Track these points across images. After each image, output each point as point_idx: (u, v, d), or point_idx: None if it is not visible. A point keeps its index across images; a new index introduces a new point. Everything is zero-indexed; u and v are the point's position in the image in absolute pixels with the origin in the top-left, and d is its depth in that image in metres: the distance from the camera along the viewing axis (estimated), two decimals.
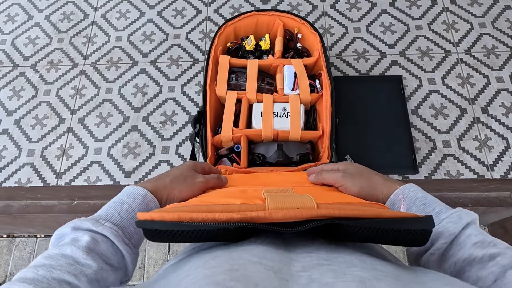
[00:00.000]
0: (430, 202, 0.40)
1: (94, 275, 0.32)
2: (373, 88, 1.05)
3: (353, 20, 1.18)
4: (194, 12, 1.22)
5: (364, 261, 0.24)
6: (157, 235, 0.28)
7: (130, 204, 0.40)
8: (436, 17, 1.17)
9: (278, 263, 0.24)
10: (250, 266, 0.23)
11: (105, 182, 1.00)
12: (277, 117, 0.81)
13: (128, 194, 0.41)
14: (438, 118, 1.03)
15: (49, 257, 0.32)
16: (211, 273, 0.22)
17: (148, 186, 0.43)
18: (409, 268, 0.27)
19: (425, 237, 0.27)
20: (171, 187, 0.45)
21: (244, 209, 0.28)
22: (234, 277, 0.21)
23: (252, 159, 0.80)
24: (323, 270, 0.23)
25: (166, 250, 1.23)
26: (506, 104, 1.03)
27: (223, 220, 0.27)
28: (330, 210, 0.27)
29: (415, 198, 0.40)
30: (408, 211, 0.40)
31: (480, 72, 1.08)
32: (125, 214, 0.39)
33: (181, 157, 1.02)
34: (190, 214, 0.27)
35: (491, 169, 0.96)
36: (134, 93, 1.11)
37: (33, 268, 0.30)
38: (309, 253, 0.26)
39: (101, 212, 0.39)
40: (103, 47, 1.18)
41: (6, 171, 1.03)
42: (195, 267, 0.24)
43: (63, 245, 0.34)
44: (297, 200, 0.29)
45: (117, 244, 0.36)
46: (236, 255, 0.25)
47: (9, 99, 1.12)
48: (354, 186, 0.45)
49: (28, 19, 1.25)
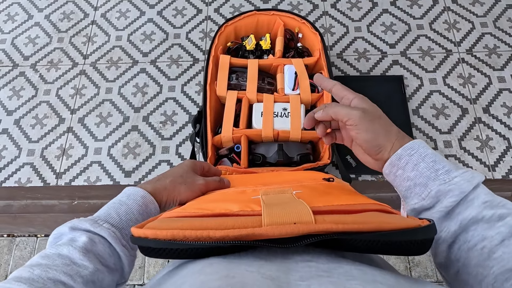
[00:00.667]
0: (440, 160, 0.37)
1: (90, 276, 0.32)
2: (374, 88, 1.05)
3: (354, 19, 1.18)
4: (194, 11, 1.22)
5: (364, 272, 0.24)
6: (151, 252, 0.28)
7: (129, 206, 0.40)
8: (438, 16, 1.16)
9: (276, 272, 0.24)
10: (247, 274, 0.22)
11: (105, 182, 1.00)
12: (277, 117, 0.80)
13: (128, 195, 0.41)
14: (439, 118, 1.02)
15: (46, 257, 0.32)
16: (207, 279, 0.21)
17: (148, 187, 0.43)
18: (410, 278, 0.26)
19: (425, 246, 0.27)
20: (171, 188, 0.44)
21: (239, 225, 0.27)
22: (230, 284, 0.20)
23: (252, 159, 0.80)
24: (322, 282, 0.22)
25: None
26: (507, 104, 1.03)
27: (217, 238, 0.26)
28: (328, 225, 0.26)
29: (425, 154, 0.37)
30: (416, 167, 0.37)
31: (482, 72, 1.07)
32: (124, 216, 0.39)
33: (181, 157, 1.02)
34: (183, 232, 0.27)
35: (493, 170, 0.96)
36: (134, 92, 1.11)
37: (29, 267, 0.30)
38: (308, 263, 0.25)
39: (99, 212, 0.39)
40: (103, 46, 1.18)
41: (6, 171, 1.03)
42: (191, 273, 0.23)
43: (60, 245, 0.33)
44: (293, 212, 0.29)
45: (114, 246, 0.36)
46: (233, 263, 0.25)
47: (9, 98, 1.12)
48: (369, 132, 0.39)
49: (28, 19, 1.24)
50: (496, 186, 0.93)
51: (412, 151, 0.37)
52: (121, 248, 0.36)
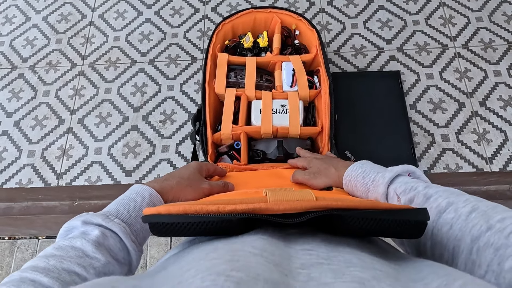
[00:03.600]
0: (367, 173, 0.44)
1: (102, 268, 0.33)
2: (372, 83, 1.06)
3: (351, 16, 1.18)
4: (191, 10, 1.22)
5: (364, 260, 0.24)
6: (163, 229, 0.29)
7: (138, 203, 0.41)
8: (433, 11, 1.17)
9: (278, 257, 0.24)
10: (251, 257, 0.23)
11: (105, 181, 1.00)
12: (276, 113, 0.81)
13: (137, 193, 0.42)
14: (437, 112, 1.03)
15: (59, 248, 0.33)
16: (212, 264, 0.22)
17: (156, 186, 0.45)
18: (409, 261, 0.27)
19: (420, 228, 0.28)
20: (177, 189, 0.46)
21: (246, 201, 0.29)
22: (235, 267, 0.21)
23: (252, 155, 0.81)
24: (322, 270, 0.23)
25: (168, 250, 1.23)
26: (504, 98, 1.04)
27: (226, 211, 0.28)
28: (328, 202, 0.28)
29: (356, 175, 0.45)
30: (355, 188, 0.46)
31: (478, 66, 1.08)
32: (133, 212, 0.40)
33: (181, 155, 1.02)
34: (195, 207, 0.28)
35: (490, 162, 0.97)
36: (133, 92, 1.11)
37: (44, 258, 0.31)
38: (309, 251, 0.26)
39: (109, 208, 0.40)
40: (102, 47, 1.18)
41: (7, 172, 1.03)
42: (197, 259, 0.24)
43: (73, 238, 0.35)
44: (297, 194, 0.30)
45: (124, 241, 0.37)
46: (236, 247, 0.25)
47: (8, 100, 1.12)
48: (319, 184, 0.54)
49: (25, 21, 1.25)
50: (494, 179, 0.94)
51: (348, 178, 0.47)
52: (130, 243, 0.37)
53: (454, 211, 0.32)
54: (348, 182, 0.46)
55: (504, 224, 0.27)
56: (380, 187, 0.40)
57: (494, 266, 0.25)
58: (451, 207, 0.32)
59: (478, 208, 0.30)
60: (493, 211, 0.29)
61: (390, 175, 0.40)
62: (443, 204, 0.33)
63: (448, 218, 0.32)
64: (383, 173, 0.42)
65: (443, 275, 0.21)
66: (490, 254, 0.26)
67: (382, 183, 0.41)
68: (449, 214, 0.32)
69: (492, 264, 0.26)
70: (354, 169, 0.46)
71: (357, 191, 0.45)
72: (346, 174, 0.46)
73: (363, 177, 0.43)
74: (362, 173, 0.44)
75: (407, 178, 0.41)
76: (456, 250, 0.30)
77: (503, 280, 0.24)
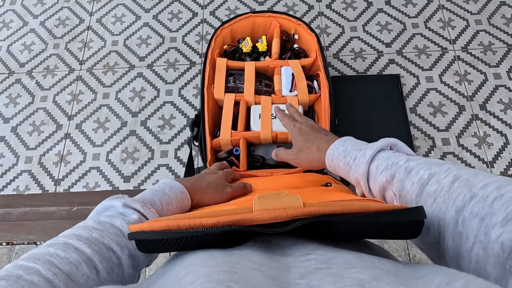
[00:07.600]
0: (349, 151, 0.42)
1: (133, 251, 0.35)
2: (371, 87, 1.05)
3: (350, 19, 1.18)
4: (190, 15, 1.22)
5: (363, 259, 0.24)
6: (148, 245, 0.28)
7: (170, 197, 0.43)
8: (432, 14, 1.17)
9: (276, 271, 0.24)
10: (248, 271, 0.23)
11: (104, 187, 0.99)
12: (275, 118, 0.80)
13: (170, 188, 0.44)
14: (437, 116, 1.03)
15: (100, 223, 0.35)
16: (211, 271, 0.21)
17: (187, 185, 0.46)
18: (408, 264, 0.26)
19: (416, 228, 0.27)
20: (204, 191, 0.48)
21: (230, 213, 0.28)
22: (234, 279, 0.21)
23: (251, 161, 0.80)
24: (321, 276, 0.22)
25: (167, 256, 1.22)
26: (504, 101, 1.03)
27: (209, 224, 0.27)
28: (315, 208, 0.27)
29: (337, 154, 0.44)
30: (337, 168, 0.44)
31: (478, 69, 1.08)
32: (165, 205, 0.41)
33: (180, 160, 1.01)
34: (177, 222, 0.28)
35: (491, 166, 0.96)
36: (132, 97, 1.10)
37: (87, 229, 0.33)
38: (307, 255, 0.25)
39: (144, 197, 0.41)
40: (99, 52, 1.18)
41: (4, 178, 1.02)
42: (194, 264, 0.24)
43: (113, 216, 0.36)
44: (283, 201, 0.29)
45: None
46: (234, 258, 0.25)
47: (6, 106, 1.12)
48: (303, 166, 0.55)
49: (23, 25, 1.24)
50: None
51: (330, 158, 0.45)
52: None
53: (436, 183, 0.31)
54: (330, 161, 0.45)
55: (486, 191, 0.26)
56: (361, 166, 0.39)
57: (481, 236, 0.25)
58: (433, 179, 0.31)
59: (460, 176, 0.30)
60: (475, 178, 0.28)
61: (371, 153, 0.39)
62: (424, 177, 0.32)
63: (431, 191, 0.31)
64: (364, 150, 0.41)
65: (444, 274, 0.21)
66: (476, 225, 0.25)
67: (363, 161, 0.39)
68: (431, 186, 0.31)
69: (479, 235, 0.25)
70: (336, 147, 0.45)
71: (340, 171, 0.44)
72: (328, 154, 0.45)
73: (345, 156, 0.42)
74: (344, 151, 0.43)
75: (388, 152, 0.39)
76: (441, 224, 0.29)
77: (492, 252, 0.23)
